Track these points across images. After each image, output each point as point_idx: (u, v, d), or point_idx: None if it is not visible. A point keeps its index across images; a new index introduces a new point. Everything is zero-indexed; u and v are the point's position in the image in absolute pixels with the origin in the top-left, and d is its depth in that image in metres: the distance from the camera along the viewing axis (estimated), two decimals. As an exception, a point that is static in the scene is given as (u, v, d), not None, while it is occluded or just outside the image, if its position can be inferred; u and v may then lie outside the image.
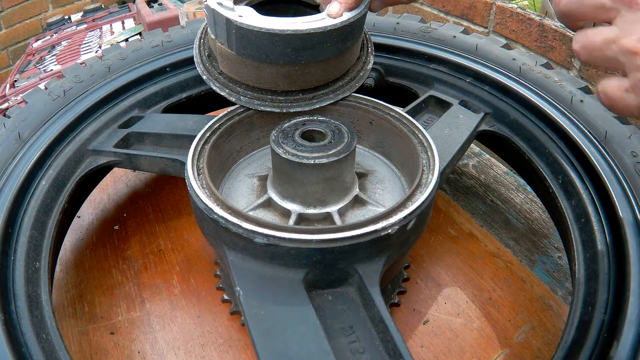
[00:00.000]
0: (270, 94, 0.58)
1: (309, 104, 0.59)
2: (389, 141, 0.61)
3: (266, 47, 0.51)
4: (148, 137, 0.64)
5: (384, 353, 0.41)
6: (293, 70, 0.55)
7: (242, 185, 0.59)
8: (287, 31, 0.50)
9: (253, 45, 0.52)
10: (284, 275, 0.44)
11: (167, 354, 0.57)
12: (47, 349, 0.44)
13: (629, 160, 0.56)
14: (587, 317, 0.47)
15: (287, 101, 0.58)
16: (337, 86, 0.60)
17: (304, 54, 0.52)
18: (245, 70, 0.56)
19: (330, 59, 0.55)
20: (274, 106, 0.58)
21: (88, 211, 0.77)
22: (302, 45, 0.51)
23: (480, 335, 0.58)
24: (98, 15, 2.36)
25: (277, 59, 0.53)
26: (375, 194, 0.58)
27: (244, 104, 0.58)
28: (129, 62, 0.73)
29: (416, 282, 0.64)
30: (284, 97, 0.58)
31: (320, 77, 0.58)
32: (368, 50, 0.64)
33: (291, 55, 0.52)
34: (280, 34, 0.50)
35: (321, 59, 0.54)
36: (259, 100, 0.58)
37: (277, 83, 0.57)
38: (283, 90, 0.58)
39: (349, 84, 0.61)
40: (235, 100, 0.59)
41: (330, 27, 0.51)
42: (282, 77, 0.56)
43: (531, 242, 0.71)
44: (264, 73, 0.55)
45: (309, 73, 0.56)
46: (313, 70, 0.56)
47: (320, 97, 0.59)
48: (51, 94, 0.66)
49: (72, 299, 0.63)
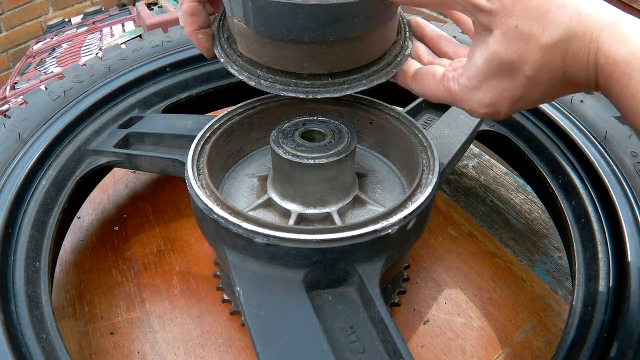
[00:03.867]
0: (295, 78, 0.51)
1: (339, 89, 0.51)
2: (389, 141, 0.61)
3: (287, 21, 0.45)
4: (148, 137, 0.64)
5: (384, 353, 0.41)
6: (319, 49, 0.48)
7: (242, 185, 0.59)
8: (311, 1, 0.43)
9: (273, 19, 0.45)
10: (284, 275, 0.44)
11: (167, 354, 0.57)
12: (47, 349, 0.44)
13: (629, 160, 0.56)
14: (587, 317, 0.47)
15: (314, 86, 0.51)
16: (372, 71, 0.52)
17: (331, 29, 0.46)
18: (265, 50, 0.50)
19: (363, 38, 0.49)
20: (298, 91, 0.51)
21: (88, 212, 0.77)
22: (329, 19, 0.45)
23: (480, 335, 0.58)
24: (98, 17, 2.36)
25: (300, 35, 0.46)
26: (375, 194, 0.58)
27: (264, 88, 0.52)
28: (129, 62, 0.73)
29: (416, 282, 0.64)
30: (310, 82, 0.51)
31: (351, 59, 0.51)
32: (406, 34, 0.56)
33: (316, 30, 0.45)
34: (304, 5, 0.43)
35: (351, 35, 0.47)
36: (281, 85, 0.51)
37: (302, 64, 0.50)
38: (309, 74, 0.51)
39: (385, 69, 0.53)
40: (255, 85, 0.52)
41: None
42: (308, 57, 0.49)
43: (531, 242, 0.71)
44: (287, 53, 0.49)
45: (337, 52, 0.49)
46: (343, 49, 0.49)
47: (352, 83, 0.51)
48: (51, 94, 0.66)
49: (72, 299, 0.63)
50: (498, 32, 0.38)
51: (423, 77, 0.49)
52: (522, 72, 0.39)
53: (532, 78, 0.39)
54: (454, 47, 0.52)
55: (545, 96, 0.41)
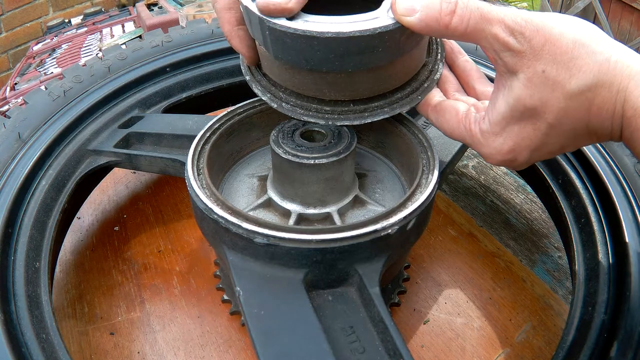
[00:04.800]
0: (317, 103, 0.50)
1: (360, 117, 0.50)
2: (389, 141, 0.61)
3: (304, 53, 0.43)
4: (148, 137, 0.64)
5: (384, 353, 0.41)
6: (339, 78, 0.47)
7: (242, 185, 0.59)
8: (328, 34, 0.41)
9: (289, 49, 0.44)
10: (284, 275, 0.44)
11: (167, 354, 0.57)
12: (47, 349, 0.44)
13: (629, 160, 0.56)
14: (587, 317, 0.47)
15: (335, 112, 0.50)
16: (395, 98, 0.50)
17: (350, 61, 0.44)
18: (287, 75, 0.49)
19: (385, 67, 0.46)
20: (319, 117, 0.50)
21: (88, 212, 0.77)
22: (346, 51, 0.43)
23: (480, 334, 0.58)
24: (98, 18, 2.36)
25: (318, 65, 0.44)
26: (375, 194, 0.58)
27: (285, 111, 0.51)
28: (129, 62, 0.73)
29: (416, 282, 0.64)
30: (331, 108, 0.50)
31: (373, 87, 0.49)
32: (437, 56, 0.53)
33: (334, 62, 0.43)
34: (319, 37, 0.41)
35: (372, 66, 0.45)
36: (302, 109, 0.51)
37: (323, 91, 0.49)
38: (331, 100, 0.50)
39: (410, 97, 0.51)
40: (277, 107, 0.52)
41: (380, 29, 0.41)
42: (328, 85, 0.48)
43: (531, 242, 0.71)
44: (307, 80, 0.48)
45: (359, 82, 0.48)
46: (364, 79, 0.47)
47: (373, 110, 0.50)
48: (51, 94, 0.66)
49: (72, 299, 0.63)
50: (523, 76, 0.36)
51: (445, 111, 0.47)
52: (545, 120, 0.37)
53: (554, 126, 0.37)
54: (482, 86, 0.50)
55: (566, 146, 0.39)
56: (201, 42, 0.77)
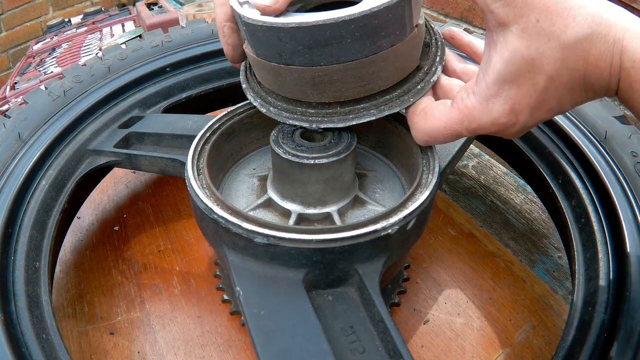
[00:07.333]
0: (302, 106, 0.50)
1: (344, 119, 0.49)
2: (389, 141, 0.61)
3: (276, 46, 0.44)
4: (148, 137, 0.64)
5: (384, 353, 0.41)
6: (318, 77, 0.46)
7: (242, 185, 0.59)
8: (291, 24, 0.41)
9: (263, 43, 0.45)
10: (284, 275, 0.44)
11: (167, 354, 0.57)
12: (47, 349, 0.44)
13: (629, 160, 0.56)
14: (587, 317, 0.47)
15: (319, 115, 0.49)
16: (384, 100, 0.49)
17: (319, 53, 0.43)
18: (270, 77, 0.49)
19: (365, 64, 0.45)
20: (303, 120, 0.50)
21: (88, 212, 0.77)
22: (313, 42, 0.42)
23: (480, 334, 0.58)
24: (98, 18, 2.36)
25: (290, 59, 0.44)
26: (375, 194, 0.58)
27: (272, 115, 0.51)
28: (129, 62, 0.73)
29: (416, 282, 0.64)
30: (315, 110, 0.50)
31: (358, 88, 0.47)
32: (436, 58, 0.51)
33: (304, 54, 0.43)
34: (283, 28, 0.41)
35: (345, 60, 0.44)
36: (287, 113, 0.51)
37: (306, 92, 0.48)
38: (318, 103, 0.50)
39: (400, 98, 0.49)
40: (265, 112, 0.52)
41: (344, 17, 0.40)
42: (309, 86, 0.47)
43: (531, 242, 0.71)
44: (287, 79, 0.48)
45: (338, 81, 0.46)
46: (342, 76, 0.46)
47: (359, 113, 0.49)
48: (51, 94, 0.66)
49: (72, 299, 0.63)
50: (517, 28, 0.35)
51: (433, 109, 0.45)
52: (543, 72, 0.36)
53: (552, 79, 0.36)
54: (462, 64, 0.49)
55: (564, 102, 0.38)
56: (201, 42, 0.78)
